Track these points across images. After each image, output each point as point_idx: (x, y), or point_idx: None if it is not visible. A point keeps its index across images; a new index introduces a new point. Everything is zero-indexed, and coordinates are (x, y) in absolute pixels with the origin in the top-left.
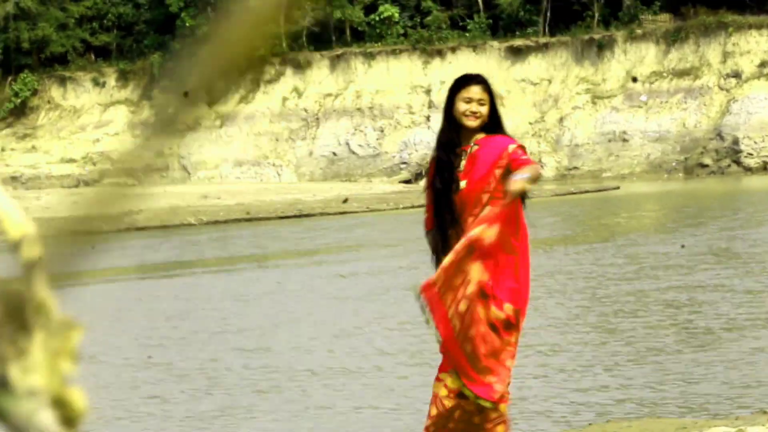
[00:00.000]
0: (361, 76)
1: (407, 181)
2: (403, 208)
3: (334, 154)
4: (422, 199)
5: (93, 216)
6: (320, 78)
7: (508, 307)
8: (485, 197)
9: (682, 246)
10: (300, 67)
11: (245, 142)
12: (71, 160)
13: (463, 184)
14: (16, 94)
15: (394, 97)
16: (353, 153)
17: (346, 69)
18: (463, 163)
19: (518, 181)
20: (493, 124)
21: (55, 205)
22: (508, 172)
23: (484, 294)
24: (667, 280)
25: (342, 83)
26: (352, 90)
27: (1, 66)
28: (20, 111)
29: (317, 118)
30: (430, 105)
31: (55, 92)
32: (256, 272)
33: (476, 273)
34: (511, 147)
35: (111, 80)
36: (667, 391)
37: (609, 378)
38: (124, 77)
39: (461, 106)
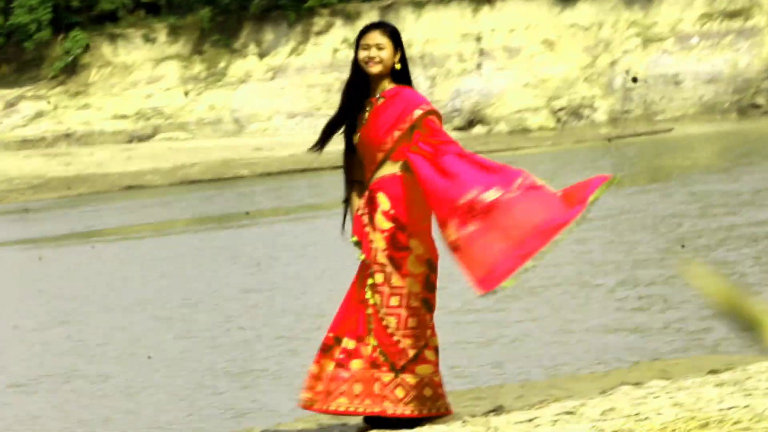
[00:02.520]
0: (411, 25)
1: (460, 128)
2: None
3: None
4: (476, 146)
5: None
6: None
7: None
8: (380, 156)
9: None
10: (350, 17)
11: (297, 94)
12: (123, 117)
13: (356, 138)
14: (68, 52)
15: (445, 46)
16: None
17: (395, 18)
18: (366, 115)
19: None
20: (403, 75)
21: (108, 161)
22: (409, 133)
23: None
24: (743, 215)
25: None
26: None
27: (51, 24)
28: (72, 69)
29: None
30: (481, 53)
31: (105, 49)
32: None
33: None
34: (418, 112)
35: (161, 36)
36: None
37: (669, 314)
38: (174, 33)
39: (361, 54)
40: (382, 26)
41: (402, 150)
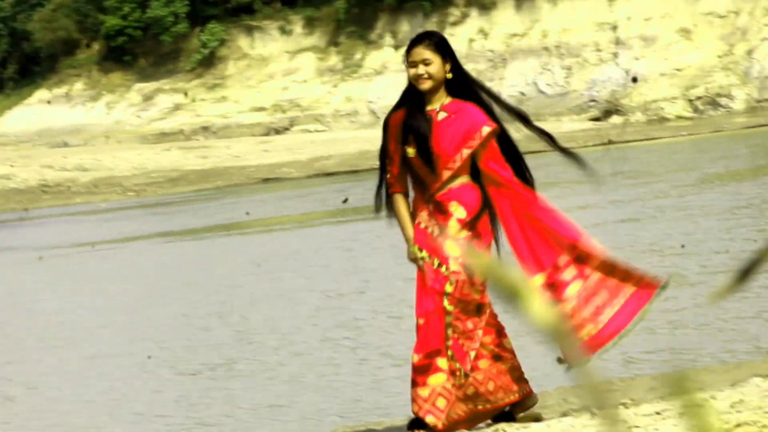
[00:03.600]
0: (547, 15)
1: (596, 119)
2: (593, 145)
3: (522, 93)
4: (613, 136)
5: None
6: (506, 18)
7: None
8: (446, 174)
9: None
10: (485, 8)
11: None
12: (261, 109)
13: (411, 151)
14: (204, 45)
15: (581, 35)
16: (541, 92)
17: (531, 8)
18: (426, 128)
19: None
20: (457, 83)
21: (245, 153)
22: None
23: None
24: None
25: (528, 23)
26: (538, 29)
27: (188, 18)
28: (209, 61)
29: (504, 59)
30: (617, 42)
31: (242, 42)
32: None
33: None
34: (486, 129)
35: (297, 28)
36: None
37: None
38: (310, 24)
39: (410, 72)
40: (426, 39)
41: (466, 164)
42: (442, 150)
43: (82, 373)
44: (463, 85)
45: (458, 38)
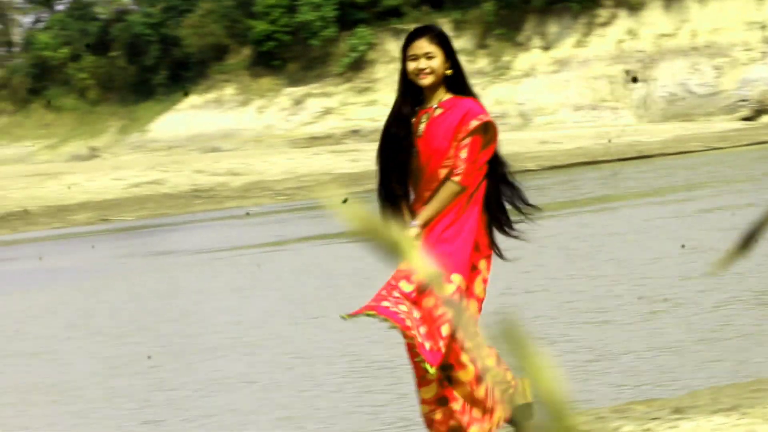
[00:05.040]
0: (696, 14)
1: (747, 119)
2: (745, 145)
3: (673, 94)
4: (763, 137)
5: None
6: (654, 18)
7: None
8: (442, 173)
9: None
10: (633, 8)
11: (581, 87)
12: None
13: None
14: (353, 49)
15: (730, 35)
16: (691, 92)
17: (679, 8)
18: (422, 127)
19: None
20: (457, 80)
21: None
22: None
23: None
24: None
25: (676, 22)
26: (687, 29)
27: (337, 22)
28: (357, 65)
29: (653, 59)
30: (766, 41)
31: (390, 45)
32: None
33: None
34: (474, 123)
35: (445, 30)
36: None
37: None
38: (458, 27)
39: (410, 66)
40: (428, 32)
41: None
42: (434, 148)
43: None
44: (462, 83)
45: (607, 39)
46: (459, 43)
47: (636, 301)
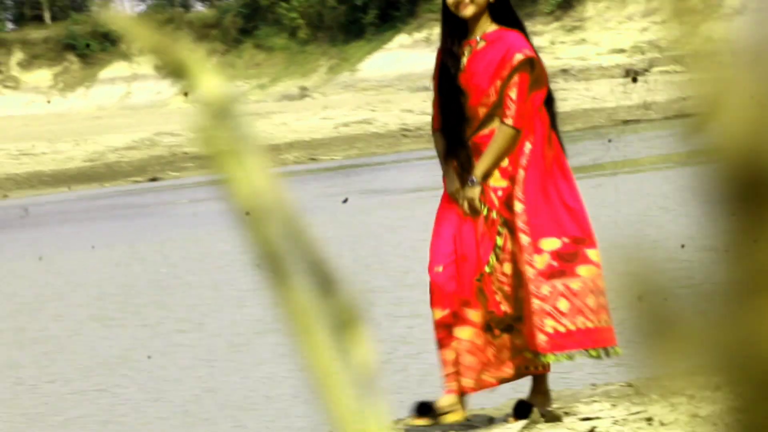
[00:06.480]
0: None
1: None
2: None
3: None
4: None
5: None
6: None
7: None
8: (482, 111)
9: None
10: None
11: None
12: (620, 51)
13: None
14: None
15: None
16: None
17: None
18: (464, 61)
19: (468, 190)
20: (502, 8)
21: (604, 95)
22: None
23: None
24: None
25: None
26: None
27: None
28: (567, 4)
29: None
30: None
31: None
32: None
33: None
34: (518, 56)
35: None
36: None
37: None
38: None
39: None
40: None
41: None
42: (474, 84)
43: None
44: (508, 12)
45: None
46: None
47: None
